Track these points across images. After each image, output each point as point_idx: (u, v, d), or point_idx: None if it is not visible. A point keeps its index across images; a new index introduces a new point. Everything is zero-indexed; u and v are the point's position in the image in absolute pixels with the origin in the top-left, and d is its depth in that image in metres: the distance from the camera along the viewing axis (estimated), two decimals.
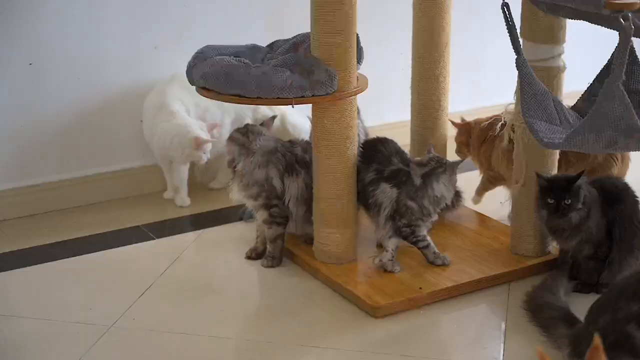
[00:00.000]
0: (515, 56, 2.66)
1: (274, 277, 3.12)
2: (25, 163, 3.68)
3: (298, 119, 3.79)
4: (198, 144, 3.54)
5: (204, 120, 3.71)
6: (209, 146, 3.59)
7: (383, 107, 3.80)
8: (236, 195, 3.16)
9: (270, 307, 2.96)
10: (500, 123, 3.14)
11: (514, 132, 3.02)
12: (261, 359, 2.64)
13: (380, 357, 2.63)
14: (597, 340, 1.73)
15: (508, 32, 2.68)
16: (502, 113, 3.12)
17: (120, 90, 3.77)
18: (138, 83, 3.78)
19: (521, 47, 2.69)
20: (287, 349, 2.67)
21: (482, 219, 3.42)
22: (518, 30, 2.73)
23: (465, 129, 3.45)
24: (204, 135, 3.58)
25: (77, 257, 3.31)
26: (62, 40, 3.61)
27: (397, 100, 3.63)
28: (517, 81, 2.81)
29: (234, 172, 3.12)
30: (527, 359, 2.57)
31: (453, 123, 3.47)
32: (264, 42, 3.23)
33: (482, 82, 4.49)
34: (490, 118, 3.39)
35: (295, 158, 3.13)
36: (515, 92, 2.92)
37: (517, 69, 2.66)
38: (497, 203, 3.44)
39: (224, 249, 3.37)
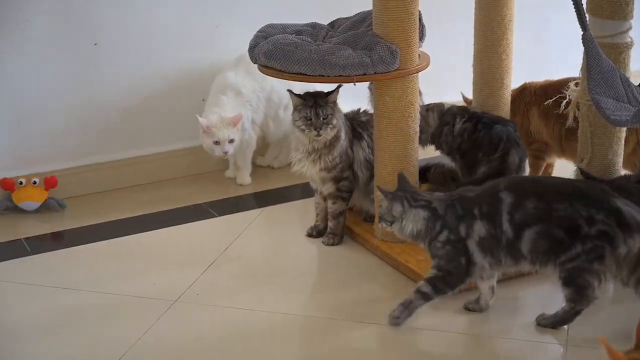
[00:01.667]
0: (582, 32, 2.61)
1: (335, 255, 3.13)
2: (89, 142, 3.74)
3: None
4: (204, 128, 3.55)
5: (271, 102, 3.74)
6: (223, 135, 3.56)
7: (445, 85, 3.76)
8: (308, 170, 3.13)
9: (331, 284, 2.97)
10: (565, 100, 3.09)
11: (578, 109, 2.97)
12: (322, 335, 2.65)
13: (441, 335, 2.64)
14: None
15: (574, 7, 2.62)
16: (566, 90, 3.06)
17: (183, 69, 3.81)
18: (200, 62, 3.82)
19: (587, 22, 2.64)
20: (347, 325, 2.68)
21: None
22: (584, 6, 2.68)
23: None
24: (213, 121, 3.56)
25: (140, 234, 3.38)
26: (127, 20, 3.66)
27: (459, 78, 3.59)
28: (583, 58, 2.76)
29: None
30: (593, 342, 2.55)
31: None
32: (324, 21, 3.23)
33: (545, 59, 4.43)
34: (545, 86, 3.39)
35: (358, 123, 3.16)
36: (581, 69, 2.87)
37: (584, 45, 2.61)
38: None
39: (285, 227, 3.40)
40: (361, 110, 3.27)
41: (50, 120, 3.65)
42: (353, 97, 3.32)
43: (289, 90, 3.04)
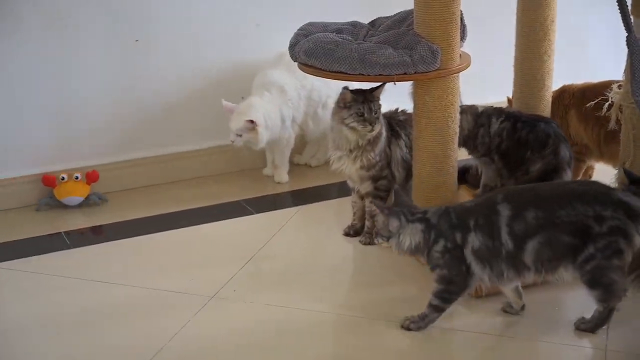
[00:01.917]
0: (626, 34, 2.58)
1: (371, 254, 3.13)
2: (129, 137, 3.78)
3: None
4: (224, 109, 3.60)
5: (311, 100, 3.75)
6: (233, 124, 3.58)
7: (485, 86, 3.74)
8: (348, 168, 3.14)
9: (367, 283, 2.97)
10: (607, 103, 3.06)
11: (621, 112, 2.94)
12: (357, 334, 2.65)
13: (478, 337, 2.62)
14: None
15: (619, 8, 2.59)
16: (609, 93, 3.03)
17: (222, 67, 3.84)
18: (240, 60, 3.84)
19: (632, 24, 2.61)
20: (382, 325, 2.68)
21: None
22: (629, 7, 2.65)
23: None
24: (229, 106, 3.61)
25: (178, 229, 3.40)
26: (167, 17, 3.69)
27: (499, 79, 3.57)
28: (627, 60, 2.73)
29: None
30: (632, 347, 2.52)
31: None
32: (365, 20, 3.23)
33: (585, 60, 4.39)
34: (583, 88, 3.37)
35: (396, 122, 3.17)
36: (624, 71, 2.84)
37: (628, 47, 2.59)
38: None
39: (322, 225, 3.41)
40: (399, 110, 3.27)
41: (91, 116, 3.69)
42: (393, 97, 3.32)
43: (346, 87, 3.03)
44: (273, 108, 3.65)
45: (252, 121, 3.56)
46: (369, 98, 2.99)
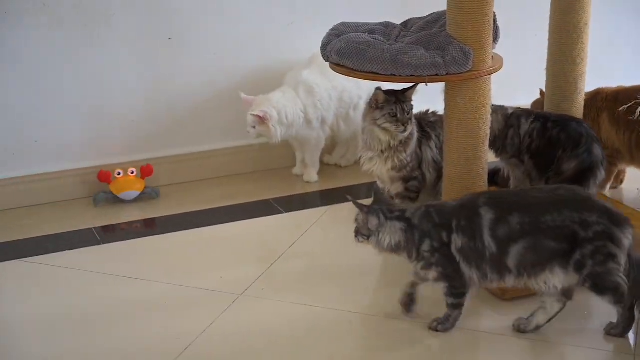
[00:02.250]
0: None
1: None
2: (159, 135, 3.81)
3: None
4: (243, 102, 3.64)
5: (342, 101, 3.76)
6: (249, 116, 3.62)
7: (516, 88, 3.73)
8: (379, 169, 3.14)
9: (394, 284, 2.94)
10: None
11: None
12: (384, 334, 2.66)
13: (508, 340, 2.61)
14: None
15: None
16: None
17: (254, 66, 3.85)
18: (272, 59, 3.85)
19: None
20: (410, 325, 2.68)
21: (616, 205, 3.32)
22: None
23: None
24: (248, 98, 3.65)
25: (207, 227, 3.42)
26: (200, 16, 3.71)
27: (531, 82, 3.56)
28: None
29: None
30: None
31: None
32: (397, 20, 3.22)
33: (617, 63, 4.36)
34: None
35: (427, 123, 3.18)
36: None
37: None
38: (634, 190, 3.34)
39: (351, 225, 3.35)
40: (430, 111, 3.27)
41: (122, 113, 3.72)
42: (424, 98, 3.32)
43: (379, 88, 3.03)
44: (292, 105, 3.66)
45: (259, 116, 3.58)
46: (401, 99, 2.99)
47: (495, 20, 2.92)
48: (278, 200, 3.65)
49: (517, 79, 3.79)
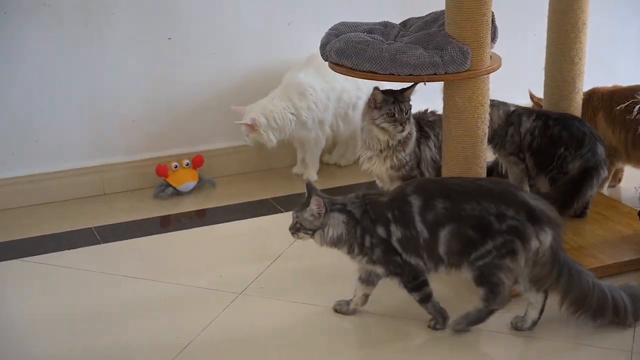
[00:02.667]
0: None
1: None
2: (160, 135, 3.81)
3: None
4: (235, 113, 3.70)
5: (341, 101, 3.77)
6: (241, 127, 3.68)
7: (515, 87, 3.73)
8: (377, 168, 3.14)
9: (392, 284, 2.96)
10: (638, 106, 3.05)
11: None
12: (384, 333, 2.67)
13: (507, 338, 2.63)
14: None
15: None
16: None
17: (254, 65, 3.86)
18: (271, 59, 3.86)
19: None
20: (408, 325, 2.69)
21: (614, 204, 3.34)
22: None
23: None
24: (240, 108, 3.70)
25: (207, 226, 3.44)
26: (200, 16, 3.72)
27: (530, 81, 3.57)
28: None
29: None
30: None
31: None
32: (396, 20, 3.24)
33: (619, 63, 4.37)
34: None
35: (425, 122, 3.18)
36: None
37: None
38: (632, 189, 3.34)
39: None
40: (428, 111, 3.27)
41: (127, 111, 3.74)
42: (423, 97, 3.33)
43: (377, 88, 3.04)
44: (281, 109, 3.68)
45: (248, 125, 3.62)
46: (399, 99, 3.00)
47: (493, 20, 2.94)
48: (278, 199, 3.66)
49: (516, 79, 3.80)
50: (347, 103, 3.81)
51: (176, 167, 3.71)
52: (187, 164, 3.73)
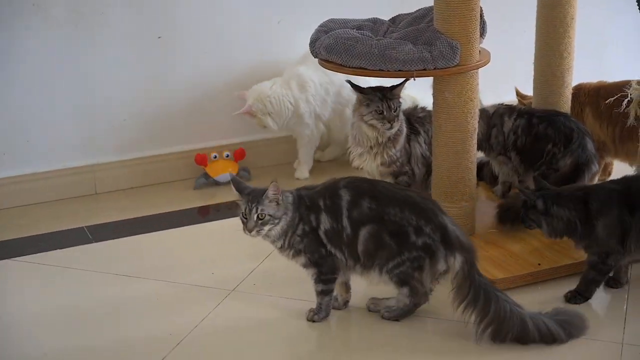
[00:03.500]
0: None
1: None
2: (152, 134, 3.81)
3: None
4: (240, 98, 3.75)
5: (340, 96, 3.80)
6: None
7: (505, 82, 3.75)
8: (369, 164, 3.16)
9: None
10: (626, 99, 3.06)
11: None
12: (377, 329, 2.67)
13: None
14: None
15: (638, 7, 2.60)
16: (628, 89, 3.04)
17: (244, 64, 3.86)
18: (261, 57, 3.87)
19: None
20: (404, 320, 2.69)
21: None
22: None
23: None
24: (244, 92, 3.75)
25: (199, 224, 3.44)
26: (190, 14, 3.73)
27: (519, 77, 3.59)
28: None
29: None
30: None
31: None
32: (385, 17, 3.25)
33: (607, 58, 4.39)
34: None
35: (415, 119, 3.19)
36: None
37: None
38: None
39: None
40: (418, 107, 3.28)
41: (118, 111, 3.74)
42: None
43: (350, 82, 3.04)
44: (278, 95, 3.70)
45: (247, 113, 3.68)
46: (388, 96, 3.00)
47: (482, 15, 2.95)
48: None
49: (505, 74, 3.81)
50: (346, 99, 3.79)
51: (215, 157, 3.77)
52: (227, 156, 3.79)
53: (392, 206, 2.54)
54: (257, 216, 2.56)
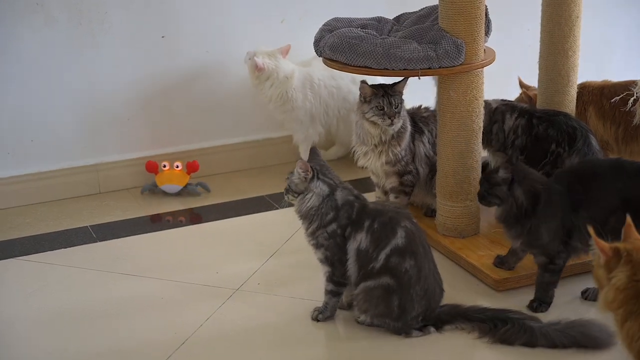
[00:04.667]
0: None
1: None
2: (154, 133, 3.81)
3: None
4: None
5: (346, 102, 3.78)
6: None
7: (509, 81, 3.74)
8: (373, 163, 3.15)
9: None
10: (632, 98, 3.06)
11: None
12: (380, 328, 2.67)
13: None
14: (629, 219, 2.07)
15: None
16: (634, 88, 3.04)
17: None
18: None
19: None
20: None
21: None
22: None
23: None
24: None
25: (204, 223, 3.44)
26: (193, 14, 3.72)
27: (524, 76, 3.58)
28: None
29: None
30: None
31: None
32: (390, 16, 3.24)
33: (611, 58, 4.38)
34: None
35: (419, 118, 3.18)
36: None
37: None
38: None
39: None
40: (422, 107, 3.28)
41: (121, 110, 3.73)
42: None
43: (363, 81, 3.03)
44: (288, 70, 3.67)
45: (257, 66, 3.63)
46: (389, 92, 2.99)
47: (487, 14, 2.95)
48: (273, 196, 3.66)
49: (510, 73, 3.81)
50: (352, 104, 3.76)
51: (165, 167, 3.70)
52: (178, 167, 3.71)
53: (420, 284, 2.53)
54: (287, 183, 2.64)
